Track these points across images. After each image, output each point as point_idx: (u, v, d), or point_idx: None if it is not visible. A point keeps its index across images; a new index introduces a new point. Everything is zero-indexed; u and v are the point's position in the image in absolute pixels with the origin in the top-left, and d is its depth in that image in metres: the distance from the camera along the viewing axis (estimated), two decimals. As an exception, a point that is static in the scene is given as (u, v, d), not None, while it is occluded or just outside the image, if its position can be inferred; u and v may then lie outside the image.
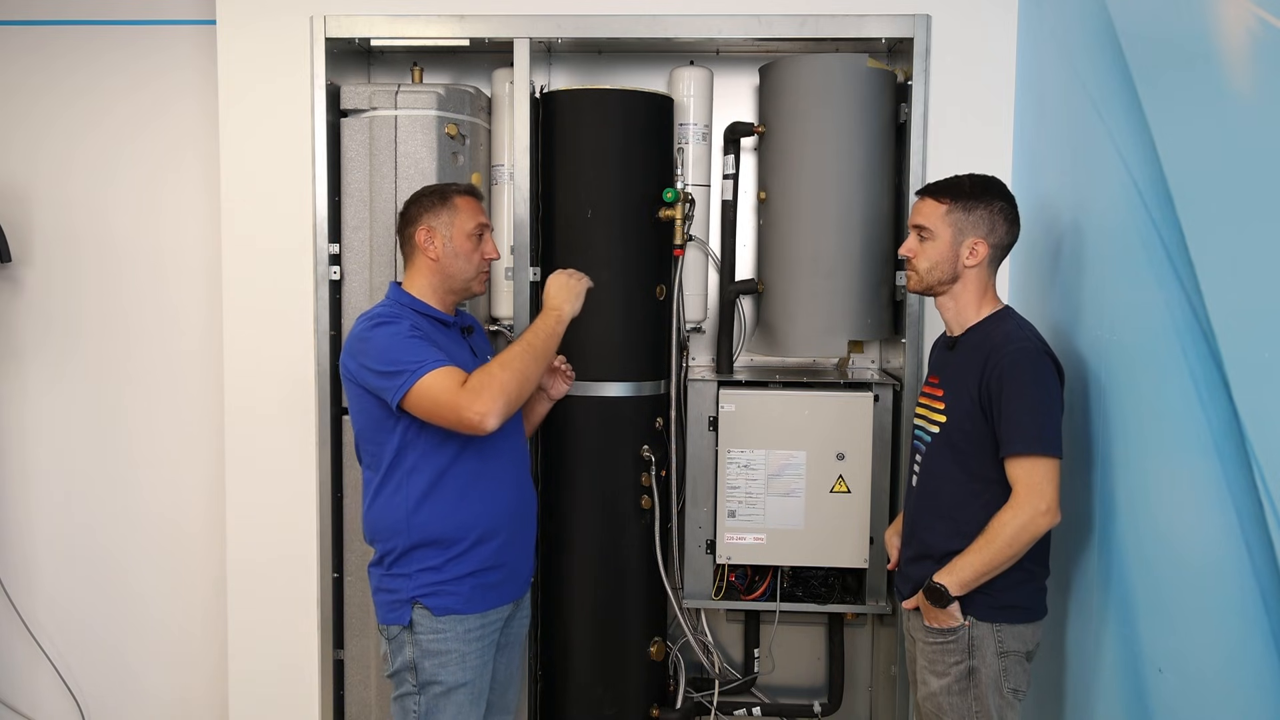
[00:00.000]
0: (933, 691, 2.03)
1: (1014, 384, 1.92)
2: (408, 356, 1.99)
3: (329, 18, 2.64)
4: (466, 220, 2.15)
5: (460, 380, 1.98)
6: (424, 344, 2.02)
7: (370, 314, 2.12)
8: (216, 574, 3.01)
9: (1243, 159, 1.48)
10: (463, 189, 2.20)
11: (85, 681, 3.17)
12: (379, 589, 2.13)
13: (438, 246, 2.13)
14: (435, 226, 2.13)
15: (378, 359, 2.02)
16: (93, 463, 3.11)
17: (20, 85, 3.04)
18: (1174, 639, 1.69)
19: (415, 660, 2.07)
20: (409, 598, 2.07)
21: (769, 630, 2.98)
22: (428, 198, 2.17)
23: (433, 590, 2.06)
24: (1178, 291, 1.66)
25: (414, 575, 2.07)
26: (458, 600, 2.07)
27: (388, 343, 2.02)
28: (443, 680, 2.07)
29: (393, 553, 2.09)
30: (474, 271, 2.17)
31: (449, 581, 2.07)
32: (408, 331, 2.03)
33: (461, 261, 2.15)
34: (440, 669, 2.07)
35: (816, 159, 2.66)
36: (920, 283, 2.10)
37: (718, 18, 2.62)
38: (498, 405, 1.97)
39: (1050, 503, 1.90)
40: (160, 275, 3.05)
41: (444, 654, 2.07)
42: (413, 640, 2.07)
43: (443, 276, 2.15)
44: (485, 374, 2.00)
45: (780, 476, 2.68)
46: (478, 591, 2.10)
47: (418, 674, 2.07)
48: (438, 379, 1.97)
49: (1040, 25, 2.46)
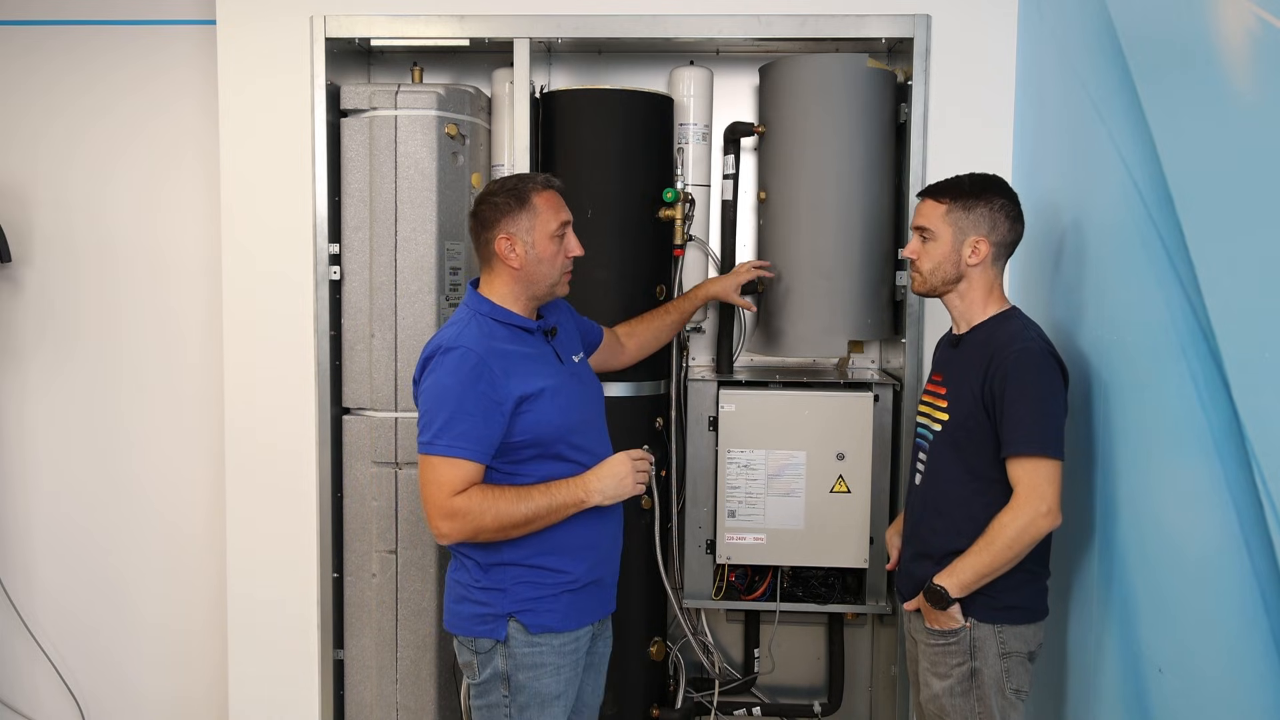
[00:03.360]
0: (935, 693, 2.03)
1: (1017, 384, 1.92)
2: (440, 420, 1.88)
3: (329, 18, 2.64)
4: (549, 220, 1.99)
5: (455, 485, 1.88)
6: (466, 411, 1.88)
7: (448, 338, 1.96)
8: (216, 573, 3.01)
9: (1243, 159, 1.48)
10: (539, 183, 2.02)
11: (85, 681, 3.17)
12: (465, 598, 2.01)
13: (520, 254, 1.98)
14: (515, 233, 1.97)
15: (425, 396, 1.94)
16: (93, 463, 3.11)
17: (20, 85, 3.04)
18: (1174, 639, 1.69)
19: (509, 672, 1.98)
20: (505, 613, 1.97)
21: (769, 630, 2.98)
22: (503, 199, 1.99)
23: (530, 607, 1.97)
24: (1178, 291, 1.66)
25: (510, 589, 1.97)
26: (554, 618, 1.98)
27: (438, 390, 1.91)
28: (537, 691, 1.99)
29: (484, 565, 1.98)
30: (558, 274, 2.04)
31: (547, 598, 1.98)
32: (464, 384, 1.89)
33: (545, 266, 2.00)
34: (535, 680, 1.98)
35: (816, 159, 2.66)
36: (924, 284, 2.09)
37: (718, 18, 2.62)
38: (459, 538, 1.92)
39: (1051, 504, 1.89)
40: (160, 275, 3.05)
41: (540, 666, 1.98)
42: (506, 653, 1.98)
43: (526, 283, 2.01)
44: (480, 506, 1.89)
45: (780, 476, 2.68)
46: (574, 609, 2.01)
47: (510, 684, 1.98)
48: (440, 470, 1.89)
49: (1040, 25, 2.46)
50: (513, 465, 1.96)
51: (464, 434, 1.88)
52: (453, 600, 2.05)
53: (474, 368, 1.90)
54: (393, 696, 2.71)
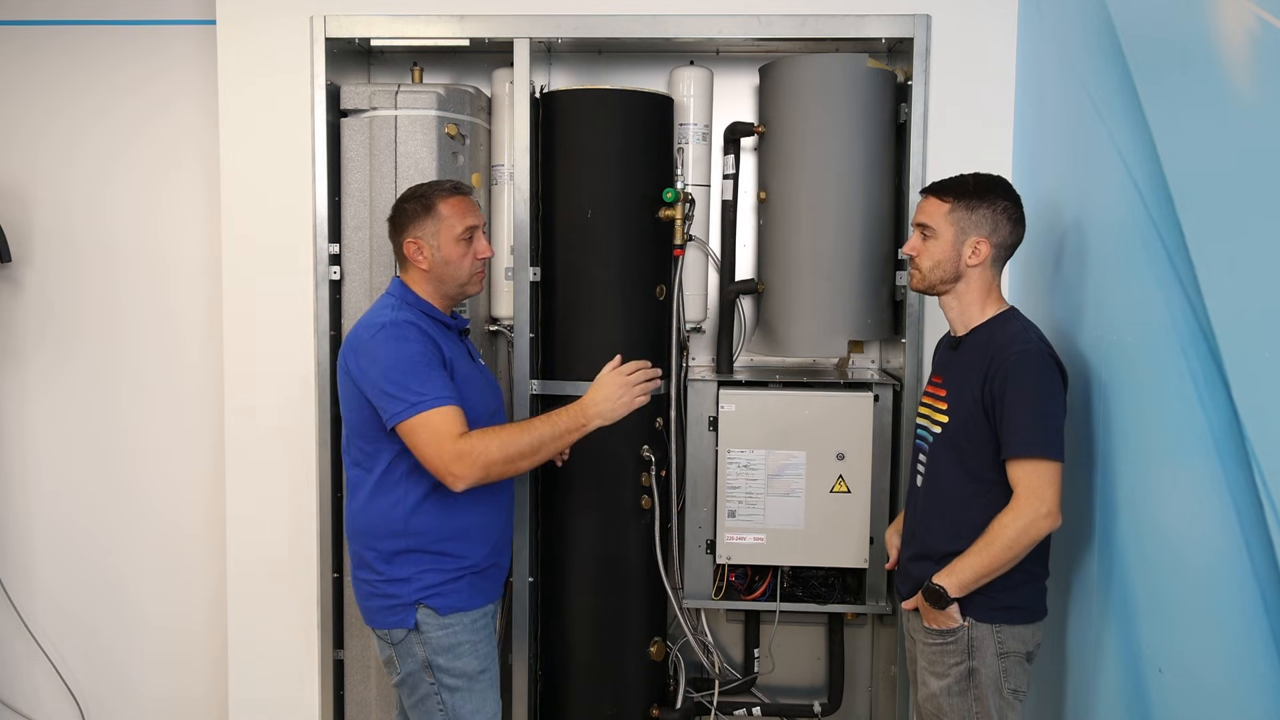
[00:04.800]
0: (933, 692, 2.03)
1: (1017, 386, 1.92)
2: (415, 384, 1.96)
3: (329, 18, 2.64)
4: (454, 225, 2.10)
5: (455, 428, 1.95)
6: (432, 370, 1.99)
7: (379, 317, 2.05)
8: (216, 574, 3.01)
9: (1243, 159, 1.48)
10: (446, 190, 2.13)
11: (85, 681, 3.17)
12: (374, 594, 2.09)
13: (427, 257, 2.10)
14: (421, 238, 2.09)
15: (385, 375, 1.98)
16: (93, 463, 3.11)
17: (20, 85, 3.04)
18: (1174, 639, 1.69)
19: (429, 658, 2.06)
20: (412, 601, 2.05)
21: (769, 630, 2.98)
22: (411, 205, 2.11)
23: (435, 592, 2.06)
24: (1178, 291, 1.66)
25: (414, 578, 2.05)
26: (459, 598, 2.08)
27: (398, 362, 1.98)
28: (462, 671, 2.07)
29: (386, 555, 2.06)
30: (468, 275, 2.14)
31: (449, 581, 2.07)
32: (418, 352, 1.99)
33: (453, 268, 2.11)
34: (455, 661, 2.07)
35: (816, 159, 2.66)
36: (923, 281, 2.09)
37: (718, 18, 2.62)
38: (474, 476, 1.96)
39: (1051, 506, 1.89)
40: (160, 275, 3.05)
41: (458, 646, 2.07)
42: (421, 640, 2.06)
43: (438, 283, 2.13)
44: (482, 442, 1.96)
45: (780, 476, 2.68)
46: (477, 588, 2.12)
47: (433, 670, 2.07)
48: (434, 421, 1.94)
49: (1040, 25, 2.46)
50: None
51: (441, 385, 1.98)
52: (362, 598, 2.13)
53: (421, 334, 2.03)
54: (393, 696, 2.71)
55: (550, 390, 2.71)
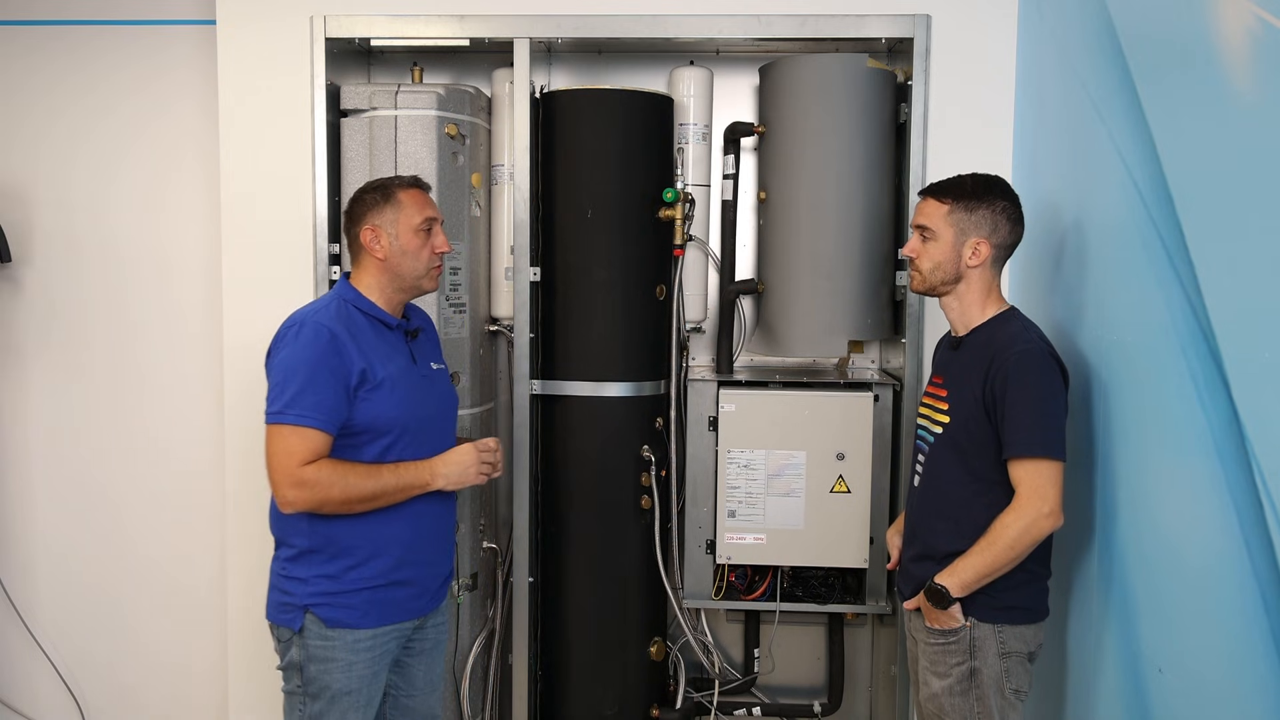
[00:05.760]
0: (935, 692, 2.03)
1: (1018, 385, 1.92)
2: (292, 390, 1.91)
3: (329, 18, 2.64)
4: (413, 215, 2.06)
5: (306, 454, 1.91)
6: (319, 383, 1.92)
7: (303, 314, 2.03)
8: (217, 573, 3.01)
9: (1243, 159, 1.48)
10: (407, 182, 2.11)
11: (85, 681, 3.17)
12: (275, 586, 2.05)
13: (384, 245, 2.05)
14: (380, 225, 2.05)
15: (275, 370, 1.96)
16: (93, 463, 3.11)
17: (21, 85, 3.04)
18: (1174, 639, 1.69)
19: (301, 663, 2.01)
20: (302, 604, 1.99)
21: (769, 630, 2.98)
22: (370, 194, 2.08)
23: (327, 601, 1.99)
24: (1178, 291, 1.66)
25: (310, 581, 1.99)
26: (351, 614, 2.00)
27: (290, 361, 1.94)
28: (326, 685, 2.00)
29: (291, 552, 2.02)
30: (424, 268, 2.09)
31: (345, 593, 2.00)
32: (315, 359, 1.93)
33: (410, 259, 2.06)
34: (325, 674, 2.00)
35: (816, 159, 2.66)
36: (923, 283, 2.09)
37: (718, 18, 2.62)
38: (304, 507, 1.93)
39: (1053, 505, 1.89)
40: (160, 275, 3.05)
41: (330, 661, 2.00)
42: (300, 644, 2.00)
43: (391, 275, 2.07)
44: (328, 478, 1.92)
45: (780, 476, 2.68)
46: (374, 606, 2.02)
47: (302, 675, 2.01)
48: (289, 438, 1.91)
49: (1040, 25, 2.46)
50: (348, 451, 1.99)
51: (315, 405, 1.92)
52: (269, 587, 2.09)
53: (328, 342, 1.96)
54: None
55: (550, 390, 2.71)
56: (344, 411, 1.96)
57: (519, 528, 2.72)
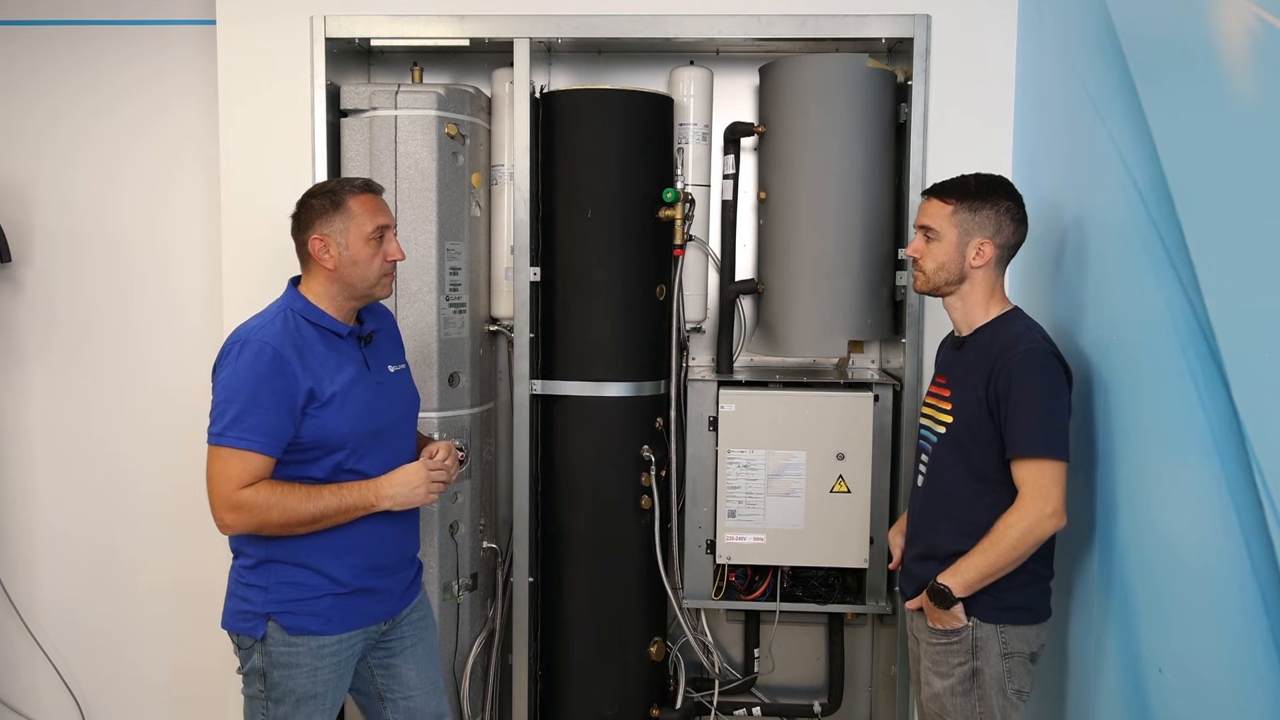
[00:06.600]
0: (936, 692, 2.03)
1: (1022, 385, 1.92)
2: (233, 412, 1.86)
3: (329, 18, 2.64)
4: (364, 223, 1.97)
5: (244, 477, 1.87)
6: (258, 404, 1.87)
7: (245, 330, 1.95)
8: (219, 574, 3.00)
9: (1243, 159, 1.48)
10: (357, 186, 2.01)
11: (85, 681, 3.17)
12: (234, 594, 2.02)
13: (334, 255, 1.96)
14: (329, 234, 1.96)
15: (217, 388, 1.91)
16: (92, 463, 3.11)
17: (22, 85, 3.04)
18: (1174, 639, 1.69)
19: (264, 669, 1.97)
20: (264, 612, 1.95)
21: (769, 630, 2.98)
22: (318, 200, 1.98)
23: (289, 609, 1.95)
24: (1178, 291, 1.66)
25: (271, 589, 1.95)
26: (314, 621, 1.96)
27: (231, 381, 1.89)
28: (290, 690, 1.97)
29: (249, 561, 1.98)
30: (376, 277, 2.00)
31: (307, 600, 1.96)
32: (258, 379, 1.87)
33: (361, 269, 1.97)
34: (289, 679, 1.96)
35: (816, 159, 2.66)
36: (927, 283, 2.09)
37: (718, 18, 2.62)
38: (242, 530, 1.91)
39: (1056, 506, 1.89)
40: (161, 275, 3.05)
41: (294, 667, 1.96)
42: (263, 650, 1.96)
43: (341, 285, 1.98)
44: (267, 502, 1.87)
45: (780, 476, 2.68)
46: (337, 612, 1.98)
47: (265, 680, 1.97)
48: (229, 461, 1.86)
49: (1040, 25, 2.46)
50: (300, 466, 1.94)
51: (255, 427, 1.87)
52: (227, 594, 2.05)
53: (270, 361, 1.89)
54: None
55: (550, 390, 2.71)
56: (288, 432, 1.90)
57: (519, 528, 2.72)
